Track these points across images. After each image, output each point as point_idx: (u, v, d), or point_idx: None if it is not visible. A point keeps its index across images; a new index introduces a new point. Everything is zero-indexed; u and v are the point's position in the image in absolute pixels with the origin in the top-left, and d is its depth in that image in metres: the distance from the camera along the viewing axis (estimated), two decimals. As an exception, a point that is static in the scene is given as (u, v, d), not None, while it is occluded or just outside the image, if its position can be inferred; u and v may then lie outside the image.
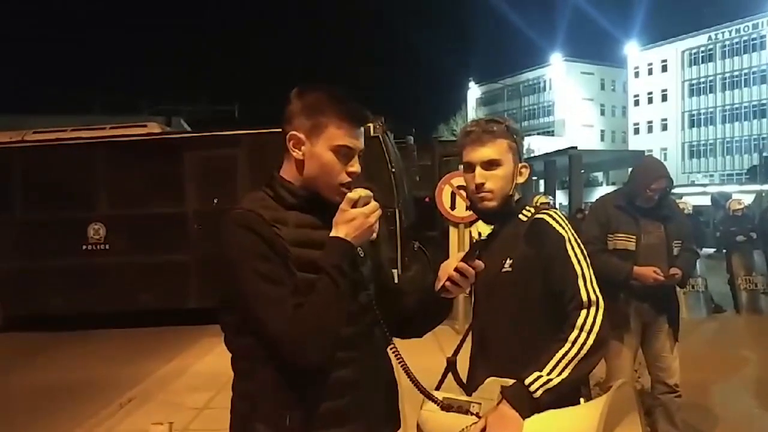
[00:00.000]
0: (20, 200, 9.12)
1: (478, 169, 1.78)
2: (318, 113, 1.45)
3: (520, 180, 1.83)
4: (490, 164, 1.78)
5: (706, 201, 21.29)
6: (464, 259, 1.55)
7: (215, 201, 8.85)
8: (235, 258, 1.39)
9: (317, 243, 1.42)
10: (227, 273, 1.41)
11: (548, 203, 1.86)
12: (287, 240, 1.40)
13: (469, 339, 1.89)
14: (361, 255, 1.51)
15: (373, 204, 1.45)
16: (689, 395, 3.69)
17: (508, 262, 1.73)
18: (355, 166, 1.49)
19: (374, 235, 1.48)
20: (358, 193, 1.44)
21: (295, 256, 1.40)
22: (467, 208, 1.90)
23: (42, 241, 8.84)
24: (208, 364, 6.42)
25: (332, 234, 1.43)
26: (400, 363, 1.52)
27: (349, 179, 1.48)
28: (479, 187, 1.78)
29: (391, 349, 1.54)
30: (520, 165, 1.83)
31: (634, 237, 3.41)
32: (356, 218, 1.42)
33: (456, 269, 1.54)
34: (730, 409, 4.66)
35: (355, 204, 1.43)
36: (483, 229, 1.92)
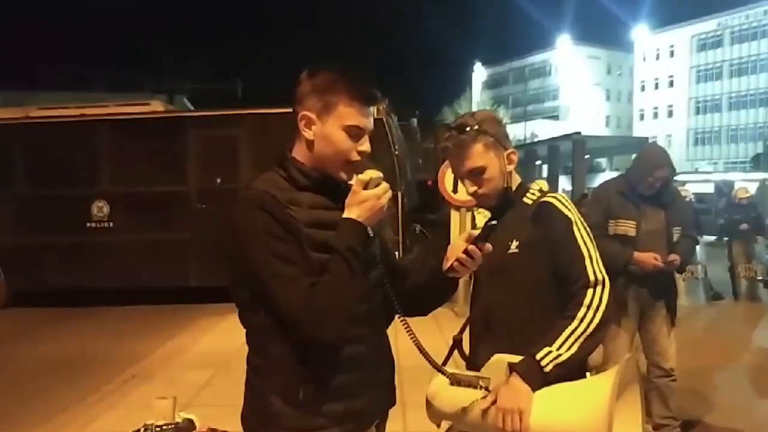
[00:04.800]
0: (24, 177, 9.14)
1: (467, 181, 1.83)
2: (329, 93, 1.47)
3: (511, 167, 1.85)
4: (474, 172, 1.81)
5: (709, 188, 21.24)
6: (474, 242, 1.58)
7: (218, 180, 8.88)
8: (251, 238, 1.41)
9: (329, 224, 1.45)
10: (241, 252, 1.43)
11: (541, 189, 1.88)
12: (300, 221, 1.43)
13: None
14: (371, 235, 1.53)
15: (384, 185, 1.48)
16: (685, 381, 3.74)
17: (515, 243, 1.76)
18: (366, 145, 1.51)
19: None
20: (369, 174, 1.46)
21: (307, 237, 1.42)
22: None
23: (46, 219, 8.88)
24: (209, 342, 6.50)
25: (345, 215, 1.45)
26: (411, 338, 1.56)
27: (359, 158, 1.50)
28: (474, 194, 1.84)
29: (403, 324, 1.58)
30: (506, 153, 1.84)
31: (634, 223, 3.43)
32: (368, 200, 1.45)
33: (465, 251, 1.58)
34: (725, 396, 4.70)
35: (366, 185, 1.46)
36: (485, 213, 1.95)
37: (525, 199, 1.83)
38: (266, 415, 1.47)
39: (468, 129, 1.81)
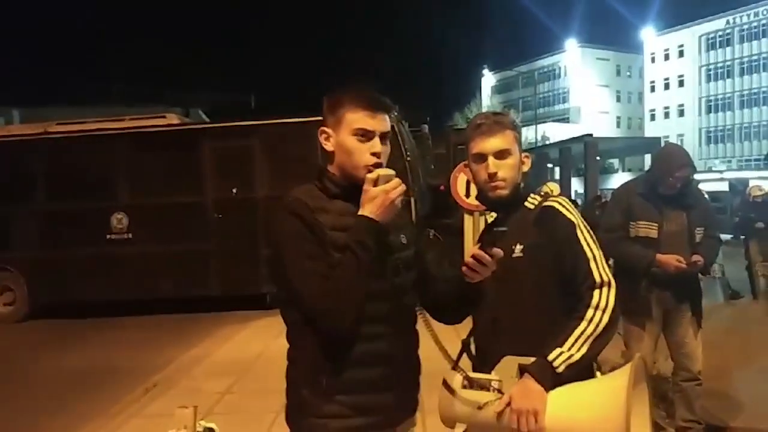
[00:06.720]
0: (45, 191, 9.29)
1: (491, 159, 1.85)
2: (338, 106, 1.64)
3: (525, 169, 1.93)
4: (502, 154, 1.86)
5: (723, 187, 21.07)
6: (482, 247, 1.64)
7: (234, 190, 8.96)
8: (280, 238, 1.59)
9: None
10: (275, 252, 1.60)
11: (549, 192, 1.94)
12: (327, 225, 1.57)
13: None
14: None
15: (395, 180, 1.57)
16: (707, 381, 3.69)
17: (519, 247, 1.80)
18: (377, 147, 1.62)
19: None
20: (377, 172, 1.57)
21: (331, 239, 1.55)
22: (476, 198, 1.97)
23: (67, 231, 9.03)
24: (228, 351, 6.54)
25: (359, 213, 1.57)
26: (431, 333, 1.64)
27: (376, 159, 1.61)
28: (492, 176, 1.86)
29: (422, 318, 1.67)
30: (522, 155, 1.92)
31: (656, 225, 3.41)
32: (378, 196, 1.55)
33: (473, 256, 1.63)
34: (748, 397, 4.65)
35: (376, 183, 1.56)
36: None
37: (527, 204, 1.89)
38: (298, 403, 1.62)
39: (506, 116, 1.94)
